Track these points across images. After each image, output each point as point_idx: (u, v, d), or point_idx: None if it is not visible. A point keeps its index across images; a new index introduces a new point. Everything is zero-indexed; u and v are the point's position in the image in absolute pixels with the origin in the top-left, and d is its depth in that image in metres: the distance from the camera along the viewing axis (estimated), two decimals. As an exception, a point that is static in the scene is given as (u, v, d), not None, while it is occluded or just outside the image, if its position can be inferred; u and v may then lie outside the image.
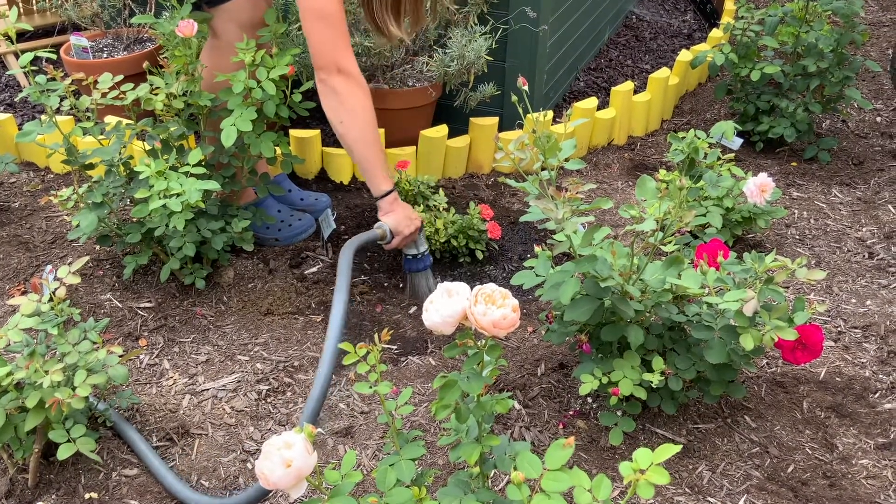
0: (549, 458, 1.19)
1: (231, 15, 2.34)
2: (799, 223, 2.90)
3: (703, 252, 1.98)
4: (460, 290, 1.29)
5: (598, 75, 3.96)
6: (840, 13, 3.09)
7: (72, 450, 1.67)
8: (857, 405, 2.09)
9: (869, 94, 3.86)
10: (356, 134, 2.21)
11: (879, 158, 3.32)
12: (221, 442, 1.98)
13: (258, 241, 2.63)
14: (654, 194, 1.76)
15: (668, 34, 4.49)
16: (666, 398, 1.96)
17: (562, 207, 1.66)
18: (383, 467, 1.39)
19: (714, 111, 3.73)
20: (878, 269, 2.63)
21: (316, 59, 2.16)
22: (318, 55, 2.15)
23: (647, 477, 1.11)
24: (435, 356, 2.26)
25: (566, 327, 1.97)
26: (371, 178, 2.28)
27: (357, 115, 2.20)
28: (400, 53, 3.07)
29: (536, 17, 3.04)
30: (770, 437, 1.99)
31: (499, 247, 2.68)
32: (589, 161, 3.32)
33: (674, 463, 1.91)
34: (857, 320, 2.39)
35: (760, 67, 3.14)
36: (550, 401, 2.10)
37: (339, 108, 2.19)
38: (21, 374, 1.64)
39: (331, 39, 2.14)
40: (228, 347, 2.27)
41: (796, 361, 1.88)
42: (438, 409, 1.38)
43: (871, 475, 1.89)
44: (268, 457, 1.21)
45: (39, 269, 2.55)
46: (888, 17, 4.83)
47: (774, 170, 3.23)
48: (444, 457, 1.93)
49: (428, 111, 3.13)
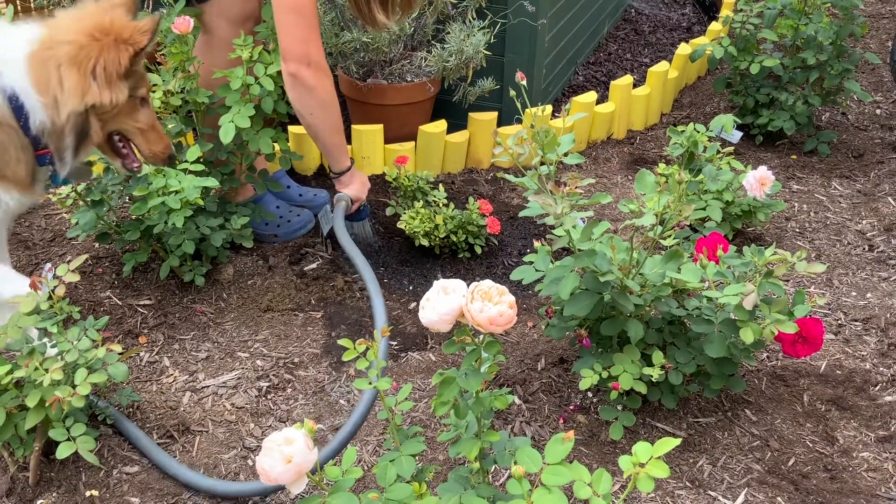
0: (549, 453, 1.19)
1: (221, 10, 2.33)
2: (799, 216, 2.89)
3: (702, 246, 1.98)
4: (456, 288, 1.29)
5: (597, 69, 3.95)
6: (839, 5, 3.08)
7: (71, 449, 1.67)
8: (858, 398, 2.09)
9: (868, 86, 3.85)
10: (326, 124, 2.32)
11: (879, 151, 3.31)
12: (222, 439, 1.98)
13: (257, 237, 2.63)
14: (654, 188, 1.76)
15: (667, 28, 4.48)
16: (666, 392, 1.96)
17: (561, 202, 1.66)
18: (384, 463, 1.39)
19: (713, 104, 3.73)
20: (879, 262, 2.63)
21: (287, 52, 2.18)
22: (289, 48, 2.17)
23: (647, 471, 1.11)
24: (435, 352, 2.26)
25: (566, 322, 1.97)
26: (336, 159, 2.43)
27: (327, 106, 2.28)
28: (398, 48, 3.07)
29: (535, 12, 3.04)
30: (771, 431, 1.99)
31: (498, 242, 2.68)
32: (588, 155, 3.31)
33: (674, 457, 1.91)
34: (857, 313, 2.39)
35: (760, 60, 3.13)
36: (551, 396, 2.10)
37: (310, 100, 2.25)
38: (21, 373, 1.64)
39: (304, 33, 2.16)
40: (228, 344, 2.27)
41: (797, 355, 1.88)
42: (437, 406, 1.38)
43: (871, 468, 1.89)
44: (268, 453, 1.21)
45: (39, 267, 2.55)
46: (888, 9, 4.82)
47: (774, 163, 3.23)
48: (444, 452, 1.93)
49: (427, 106, 3.12)
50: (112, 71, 1.80)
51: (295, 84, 2.21)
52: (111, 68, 1.80)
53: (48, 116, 1.77)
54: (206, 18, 2.36)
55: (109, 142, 1.97)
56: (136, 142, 1.99)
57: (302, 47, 2.17)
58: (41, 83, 1.75)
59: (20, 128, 1.78)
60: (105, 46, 1.79)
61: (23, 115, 1.76)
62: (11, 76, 1.74)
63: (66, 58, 1.76)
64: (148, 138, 1.99)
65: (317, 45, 2.20)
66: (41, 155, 1.85)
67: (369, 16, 2.29)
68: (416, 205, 2.54)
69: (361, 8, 2.28)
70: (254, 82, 2.25)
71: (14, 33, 1.78)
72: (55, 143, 1.82)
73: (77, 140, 1.83)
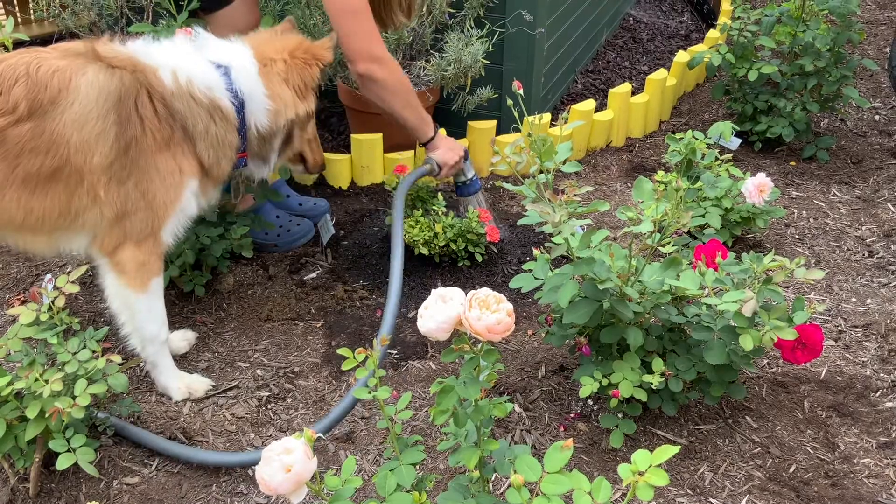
0: (549, 461, 1.19)
1: (226, 21, 2.35)
2: (798, 222, 2.90)
3: (701, 253, 1.98)
4: (454, 296, 1.29)
5: (595, 77, 3.96)
6: (836, 12, 3.09)
7: (71, 460, 1.67)
8: (859, 404, 2.09)
9: (867, 92, 3.86)
10: (401, 105, 2.39)
11: (878, 157, 3.31)
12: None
13: (257, 247, 2.63)
14: (651, 196, 1.76)
15: (666, 35, 4.49)
16: (666, 400, 1.96)
17: (559, 211, 1.66)
18: (384, 472, 1.39)
19: (712, 111, 3.73)
20: (878, 268, 2.63)
21: (351, 53, 2.25)
22: (353, 49, 2.24)
23: (647, 479, 1.11)
24: (435, 360, 2.26)
25: (565, 330, 1.97)
26: (418, 132, 2.48)
27: (398, 92, 2.36)
28: (397, 58, 3.07)
29: (533, 20, 3.05)
30: (771, 438, 1.99)
31: (498, 250, 2.68)
32: (587, 163, 3.32)
33: (675, 464, 1.91)
34: (857, 319, 2.39)
35: (758, 67, 3.14)
36: (551, 403, 2.10)
37: (383, 93, 2.34)
38: (21, 384, 1.65)
39: (364, 32, 2.23)
40: (228, 354, 2.27)
41: (796, 361, 1.88)
42: (437, 415, 1.38)
43: (873, 474, 1.89)
44: (268, 462, 1.21)
45: (39, 279, 2.55)
46: (885, 16, 4.83)
47: (773, 169, 3.23)
48: (444, 461, 1.93)
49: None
50: (309, 85, 2.07)
51: (368, 83, 2.30)
52: (309, 83, 2.07)
53: (269, 121, 2.01)
54: (210, 30, 2.37)
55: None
56: (304, 151, 2.23)
57: (366, 47, 2.24)
58: (272, 92, 1.99)
59: (237, 129, 1.97)
60: (302, 63, 2.05)
61: (242, 117, 1.97)
62: (245, 83, 1.95)
63: (282, 72, 2.02)
64: (312, 147, 2.26)
65: (378, 39, 2.28)
66: (238, 158, 2.05)
67: (388, 18, 2.41)
68: (415, 213, 2.55)
69: (381, 12, 2.37)
70: (253, 92, 2.26)
71: (236, 48, 2.00)
72: (263, 147, 2.06)
73: (282, 145, 2.11)
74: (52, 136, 1.75)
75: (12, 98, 1.72)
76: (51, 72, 1.75)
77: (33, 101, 1.73)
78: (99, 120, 1.76)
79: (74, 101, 1.74)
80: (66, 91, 1.74)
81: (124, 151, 1.80)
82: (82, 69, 1.77)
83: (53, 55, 1.79)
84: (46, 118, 1.74)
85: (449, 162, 2.54)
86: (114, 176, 1.81)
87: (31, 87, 1.73)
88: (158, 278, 1.98)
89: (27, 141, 1.74)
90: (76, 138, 1.75)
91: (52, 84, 1.74)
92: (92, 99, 1.75)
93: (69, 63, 1.77)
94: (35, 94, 1.73)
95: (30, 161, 1.75)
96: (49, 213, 1.82)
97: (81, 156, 1.77)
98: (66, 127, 1.75)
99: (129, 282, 1.92)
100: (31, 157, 1.75)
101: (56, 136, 1.75)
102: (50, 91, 1.74)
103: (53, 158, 1.76)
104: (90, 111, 1.75)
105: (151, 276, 1.95)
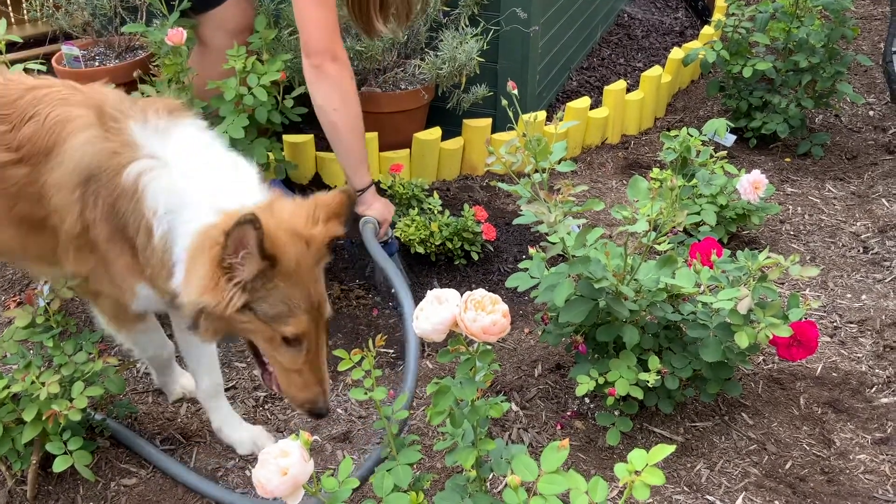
0: (545, 461, 1.20)
1: (218, 22, 2.34)
2: (793, 219, 2.90)
3: (696, 250, 1.99)
4: (450, 297, 1.29)
5: (590, 74, 3.96)
6: (830, 8, 3.10)
7: (68, 462, 1.67)
8: (854, 400, 2.10)
9: (861, 88, 3.86)
10: (350, 122, 2.21)
11: (872, 152, 3.32)
12: (220, 449, 1.98)
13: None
14: (646, 194, 1.77)
15: (660, 32, 4.49)
16: (663, 397, 1.96)
17: (554, 210, 1.66)
18: (381, 472, 1.39)
19: (707, 108, 3.74)
20: (873, 264, 2.64)
21: (310, 45, 2.12)
22: (313, 41, 2.12)
23: (643, 478, 1.11)
24: (432, 360, 2.26)
25: (562, 328, 1.97)
26: (356, 170, 2.27)
27: (350, 102, 2.19)
28: (392, 57, 3.07)
29: (527, 18, 3.04)
30: (767, 434, 1.99)
31: (494, 248, 2.68)
32: (583, 160, 3.32)
33: (672, 462, 1.91)
34: (852, 315, 2.40)
35: (752, 64, 3.15)
36: (548, 402, 2.10)
37: (335, 94, 2.17)
38: (18, 387, 1.64)
39: (327, 25, 2.11)
40: (225, 355, 2.27)
41: (792, 358, 1.88)
42: (433, 416, 1.38)
43: (868, 470, 1.89)
44: (264, 465, 1.21)
45: (34, 281, 2.55)
46: (879, 11, 4.84)
47: (768, 166, 3.23)
48: (442, 460, 1.93)
49: (421, 114, 3.13)
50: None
51: (319, 77, 2.15)
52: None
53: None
54: (202, 30, 2.36)
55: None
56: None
57: (327, 40, 2.12)
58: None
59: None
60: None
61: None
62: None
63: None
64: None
65: (339, 39, 2.15)
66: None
67: (368, 24, 2.26)
68: (411, 212, 2.55)
69: (360, 17, 2.26)
70: (247, 93, 2.26)
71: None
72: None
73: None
74: (42, 187, 1.67)
75: (20, 137, 1.65)
76: (58, 120, 1.65)
77: (33, 147, 1.65)
78: (71, 191, 1.64)
79: (61, 163, 1.64)
80: (59, 149, 1.65)
81: (85, 230, 1.69)
82: (82, 130, 1.64)
83: (76, 98, 1.69)
84: (40, 168, 1.66)
85: (388, 219, 2.35)
86: (82, 247, 1.71)
87: (37, 132, 1.65)
88: (142, 323, 1.88)
89: (24, 185, 1.67)
90: (55, 200, 1.66)
91: (52, 135, 1.65)
92: (70, 168, 1.63)
93: (78, 115, 1.65)
94: (37, 139, 1.65)
95: (24, 204, 1.70)
96: (43, 252, 1.76)
97: (58, 217, 1.68)
98: (49, 186, 1.66)
99: (110, 321, 1.85)
100: (25, 201, 1.69)
101: (44, 189, 1.67)
102: (48, 142, 1.65)
103: (41, 209, 1.69)
104: (67, 180, 1.64)
105: (134, 321, 1.86)
